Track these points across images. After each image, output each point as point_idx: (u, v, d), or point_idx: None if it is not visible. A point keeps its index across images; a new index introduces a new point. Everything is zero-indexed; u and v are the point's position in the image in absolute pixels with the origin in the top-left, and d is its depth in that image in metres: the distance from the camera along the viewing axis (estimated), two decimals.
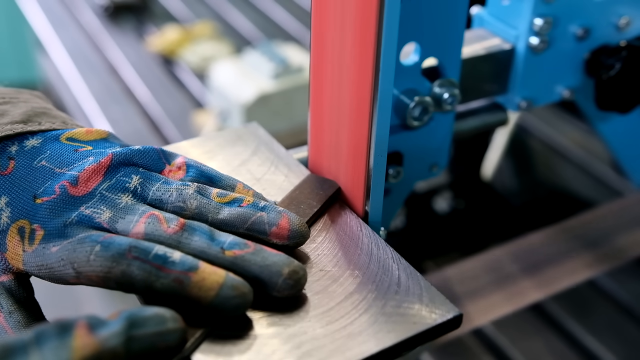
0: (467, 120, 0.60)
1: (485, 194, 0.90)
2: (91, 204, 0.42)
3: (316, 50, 0.46)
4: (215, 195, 0.44)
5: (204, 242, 0.40)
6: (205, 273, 0.38)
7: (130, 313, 0.36)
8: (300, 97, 1.03)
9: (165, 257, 0.39)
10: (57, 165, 0.44)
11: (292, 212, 0.43)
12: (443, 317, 0.40)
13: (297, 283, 0.40)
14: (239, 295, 0.38)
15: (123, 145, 0.47)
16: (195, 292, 0.38)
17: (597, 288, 0.77)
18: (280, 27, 1.36)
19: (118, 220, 0.42)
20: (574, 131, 1.00)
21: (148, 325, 0.36)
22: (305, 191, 0.48)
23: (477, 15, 0.61)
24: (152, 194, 0.44)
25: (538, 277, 0.68)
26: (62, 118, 0.49)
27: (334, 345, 0.38)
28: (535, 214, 0.86)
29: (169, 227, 0.41)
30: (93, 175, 0.43)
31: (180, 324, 0.37)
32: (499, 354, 0.71)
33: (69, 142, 0.46)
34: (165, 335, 0.36)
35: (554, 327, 0.73)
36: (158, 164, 0.46)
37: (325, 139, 0.49)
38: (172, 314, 0.37)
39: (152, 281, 0.38)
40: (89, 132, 0.47)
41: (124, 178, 0.44)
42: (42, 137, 0.46)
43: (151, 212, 0.42)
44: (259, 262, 0.39)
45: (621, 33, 0.60)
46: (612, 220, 0.75)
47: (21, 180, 0.44)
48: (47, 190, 0.43)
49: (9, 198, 0.43)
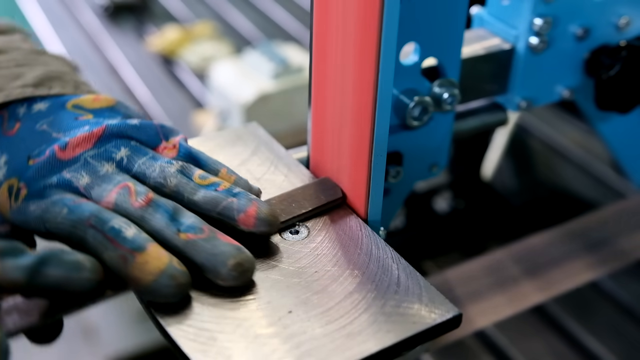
0: (467, 120, 0.60)
1: (485, 194, 0.90)
2: (73, 169, 0.44)
3: (317, 51, 0.46)
4: (197, 176, 0.45)
5: (163, 222, 0.41)
6: (149, 256, 0.39)
7: (51, 253, 0.38)
8: (300, 97, 1.03)
9: (118, 231, 0.40)
10: (56, 130, 0.46)
11: (264, 202, 0.44)
12: (442, 316, 0.40)
13: (241, 275, 0.40)
14: (175, 285, 0.39)
15: (127, 114, 0.49)
16: (135, 273, 0.39)
17: (598, 289, 0.77)
18: (280, 27, 1.36)
19: (94, 187, 0.43)
20: (574, 131, 1.00)
21: (61, 267, 0.38)
22: (307, 192, 0.48)
23: (477, 15, 0.61)
24: (137, 167, 0.45)
25: (540, 279, 0.67)
26: (75, 83, 0.50)
27: (334, 345, 0.38)
28: (535, 214, 0.86)
29: (136, 200, 0.42)
30: (83, 142, 0.45)
31: (96, 276, 0.38)
32: (499, 354, 0.71)
33: (73, 109, 0.48)
34: (76, 281, 0.38)
35: (554, 327, 0.73)
36: (154, 139, 0.47)
37: (327, 140, 0.49)
38: (93, 265, 0.39)
39: (101, 252, 0.40)
40: (96, 99, 0.49)
41: (113, 149, 0.45)
42: (50, 102, 0.48)
43: (125, 184, 0.43)
44: (208, 249, 0.40)
45: (621, 33, 0.60)
46: (615, 222, 0.75)
47: (22, 142, 0.46)
48: (40, 152, 0.45)
49: (8, 157, 0.46)
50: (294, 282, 0.42)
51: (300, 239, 0.45)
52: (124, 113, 0.49)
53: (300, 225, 0.46)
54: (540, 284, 0.67)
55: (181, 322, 0.39)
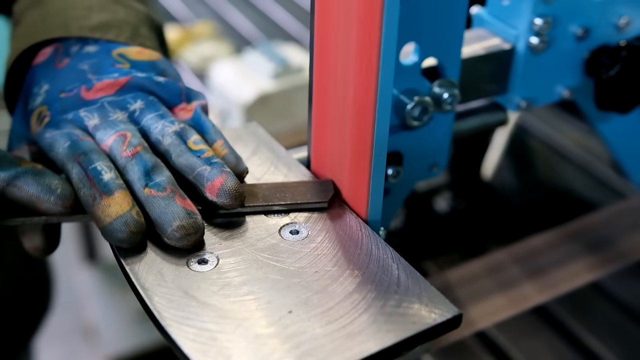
0: (467, 120, 0.60)
1: (485, 194, 0.90)
2: (89, 109, 0.48)
3: (318, 51, 0.46)
4: (191, 141, 0.47)
5: (137, 174, 0.45)
6: (113, 201, 0.43)
7: (31, 170, 0.44)
8: (300, 97, 1.03)
9: (98, 172, 0.44)
10: (92, 72, 0.50)
11: (234, 177, 0.45)
12: (442, 316, 0.40)
13: (183, 238, 0.43)
14: (126, 232, 0.42)
15: (163, 72, 0.52)
16: (98, 213, 0.43)
17: (598, 288, 0.77)
18: (280, 27, 1.36)
19: (100, 129, 0.47)
20: (574, 131, 1.00)
21: (34, 186, 0.44)
22: (301, 187, 0.48)
23: (477, 15, 0.61)
24: (144, 121, 0.48)
25: (541, 280, 0.67)
26: (133, 34, 0.54)
27: (334, 345, 0.38)
28: (535, 214, 0.86)
29: (125, 150, 0.46)
30: (106, 87, 0.49)
31: (63, 203, 0.44)
32: (499, 354, 0.71)
33: (117, 57, 0.51)
34: (44, 202, 0.44)
35: (554, 327, 0.73)
36: (174, 99, 0.51)
37: (327, 140, 0.49)
38: (63, 191, 0.44)
39: (79, 188, 0.44)
40: (140, 52, 0.52)
41: (130, 99, 0.49)
42: (100, 46, 0.52)
43: (123, 133, 0.47)
44: (162, 207, 0.43)
45: (621, 33, 0.60)
46: (616, 223, 0.75)
47: (63, 76, 0.50)
48: (71, 89, 0.49)
49: (49, 87, 0.50)
50: (294, 282, 0.42)
51: (300, 239, 0.45)
52: (161, 70, 0.52)
53: (300, 225, 0.46)
54: (541, 285, 0.67)
55: (181, 322, 0.39)
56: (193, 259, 0.43)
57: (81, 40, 0.53)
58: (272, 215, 0.47)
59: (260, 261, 0.43)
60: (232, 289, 0.41)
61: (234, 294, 0.41)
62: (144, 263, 0.43)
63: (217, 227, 0.46)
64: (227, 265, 0.43)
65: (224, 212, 0.46)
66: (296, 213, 0.47)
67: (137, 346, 1.68)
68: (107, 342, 1.70)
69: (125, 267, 0.43)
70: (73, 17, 0.54)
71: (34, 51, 0.54)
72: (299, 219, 0.47)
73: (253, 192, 0.48)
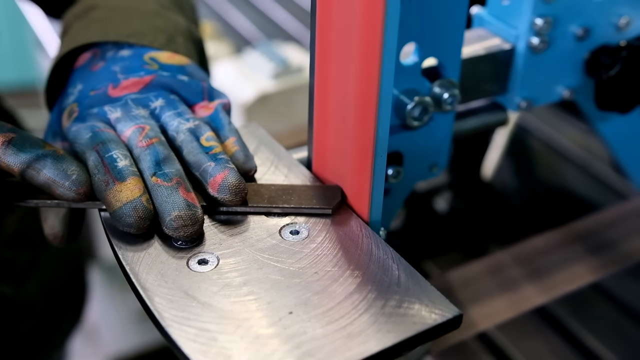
0: (467, 120, 0.60)
1: (485, 194, 0.90)
2: (113, 105, 0.50)
3: (320, 54, 0.46)
4: (204, 138, 0.48)
5: (148, 163, 0.46)
6: (124, 187, 0.44)
7: (52, 154, 0.45)
8: (300, 97, 1.03)
9: (114, 160, 0.46)
10: (121, 73, 0.52)
11: (237, 174, 0.46)
12: (443, 317, 0.40)
13: (180, 228, 0.43)
14: (134, 217, 0.44)
15: (190, 74, 0.54)
16: (109, 198, 0.44)
17: (598, 288, 0.77)
18: (280, 27, 1.36)
19: (121, 122, 0.49)
20: (574, 131, 1.00)
21: (52, 170, 0.45)
22: (308, 192, 0.48)
23: (477, 15, 0.61)
24: (164, 118, 0.50)
25: (542, 282, 0.67)
26: (169, 40, 0.56)
27: (334, 345, 0.38)
28: (535, 214, 0.86)
29: (141, 140, 0.47)
30: (131, 85, 0.52)
31: (77, 188, 0.45)
32: (499, 354, 0.71)
33: (147, 60, 0.53)
34: (59, 186, 0.45)
35: (554, 327, 0.73)
36: (195, 97, 0.52)
37: (329, 141, 0.48)
38: (78, 177, 0.45)
39: (94, 174, 0.46)
40: (171, 57, 0.54)
41: (152, 97, 0.51)
42: (134, 51, 0.54)
43: (142, 125, 0.48)
44: (165, 196, 0.44)
45: (621, 33, 0.60)
46: (617, 224, 0.75)
47: (97, 77, 0.53)
48: (100, 87, 0.52)
49: (82, 87, 0.53)
50: (295, 283, 0.42)
51: (300, 239, 0.45)
52: (188, 74, 0.53)
53: (300, 225, 0.46)
54: (542, 287, 0.67)
55: (182, 323, 0.39)
56: (193, 260, 0.43)
57: (117, 45, 0.55)
58: (273, 215, 0.47)
59: (260, 261, 0.43)
60: (232, 290, 0.41)
61: (234, 295, 0.41)
62: (144, 263, 0.43)
63: (217, 228, 0.46)
64: (227, 265, 0.43)
65: (227, 210, 0.46)
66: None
67: (137, 346, 1.68)
68: (107, 342, 1.70)
69: (126, 267, 0.43)
70: (112, 24, 0.57)
71: (76, 56, 0.57)
72: (299, 219, 0.47)
73: (260, 193, 0.47)
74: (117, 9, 0.59)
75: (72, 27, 0.59)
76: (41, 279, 0.86)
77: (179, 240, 0.44)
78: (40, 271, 0.85)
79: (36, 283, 0.85)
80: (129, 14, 0.58)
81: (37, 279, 0.85)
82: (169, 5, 0.62)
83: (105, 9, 0.60)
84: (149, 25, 0.57)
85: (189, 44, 0.58)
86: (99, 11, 0.59)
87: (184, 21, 0.61)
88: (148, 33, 0.56)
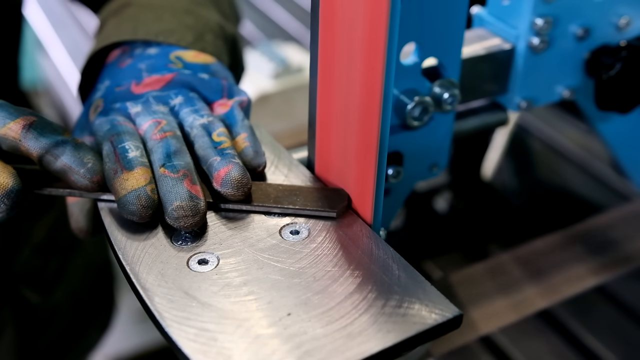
0: (467, 120, 0.60)
1: (485, 194, 0.90)
2: (134, 101, 0.52)
3: (323, 56, 0.46)
4: (216, 134, 0.49)
5: (159, 155, 0.47)
6: (131, 176, 0.45)
7: (70, 142, 0.46)
8: (300, 97, 1.03)
9: (126, 150, 0.47)
10: (146, 70, 0.54)
11: (241, 168, 0.46)
12: (443, 317, 0.40)
13: (181, 218, 0.44)
14: (137, 205, 0.44)
15: (214, 73, 0.55)
16: (116, 186, 0.45)
17: (600, 290, 0.77)
18: (280, 27, 1.36)
19: (140, 116, 0.50)
20: (574, 131, 1.00)
21: (69, 156, 0.46)
22: (314, 194, 0.48)
23: (477, 15, 0.61)
24: (181, 114, 0.51)
25: (544, 284, 0.67)
26: (198, 38, 0.57)
27: (334, 345, 0.38)
28: (535, 214, 0.86)
29: (156, 133, 0.49)
30: (153, 83, 0.53)
31: (90, 176, 0.46)
32: (499, 354, 0.71)
33: (173, 59, 0.55)
34: (75, 173, 0.46)
35: (555, 327, 0.73)
36: (214, 95, 0.53)
37: (332, 142, 0.48)
38: (93, 165, 0.46)
39: (106, 162, 0.47)
40: (196, 55, 0.55)
41: (172, 95, 0.52)
42: (161, 49, 0.56)
43: (158, 119, 0.50)
44: (169, 186, 0.45)
45: (621, 33, 0.60)
46: (619, 226, 0.74)
47: (123, 74, 0.54)
48: (125, 83, 0.53)
49: (109, 83, 0.54)
50: (295, 283, 0.42)
51: (300, 239, 0.45)
52: (212, 72, 0.54)
53: (300, 225, 0.46)
54: (544, 289, 0.67)
55: (182, 323, 0.39)
56: (193, 260, 0.43)
57: (145, 43, 0.56)
58: (273, 215, 0.47)
59: (260, 261, 0.43)
60: (232, 290, 0.41)
61: (235, 295, 0.41)
62: (144, 263, 0.43)
63: (217, 227, 0.46)
64: (227, 265, 0.43)
65: (233, 207, 0.47)
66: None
67: (137, 346, 1.68)
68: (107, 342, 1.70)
69: (126, 267, 0.43)
70: (142, 23, 0.58)
71: (109, 52, 0.59)
72: (299, 219, 0.47)
73: (267, 192, 0.48)
74: (149, 7, 0.60)
75: (107, 24, 0.61)
76: (69, 287, 0.86)
77: (181, 231, 0.45)
78: (68, 279, 0.86)
79: (63, 291, 0.85)
80: (160, 11, 0.60)
81: (65, 287, 0.85)
82: (203, 0, 0.63)
83: (138, 6, 0.61)
84: (178, 23, 0.58)
85: (218, 41, 0.59)
86: (131, 9, 0.61)
87: (216, 17, 0.62)
88: (176, 31, 0.57)
